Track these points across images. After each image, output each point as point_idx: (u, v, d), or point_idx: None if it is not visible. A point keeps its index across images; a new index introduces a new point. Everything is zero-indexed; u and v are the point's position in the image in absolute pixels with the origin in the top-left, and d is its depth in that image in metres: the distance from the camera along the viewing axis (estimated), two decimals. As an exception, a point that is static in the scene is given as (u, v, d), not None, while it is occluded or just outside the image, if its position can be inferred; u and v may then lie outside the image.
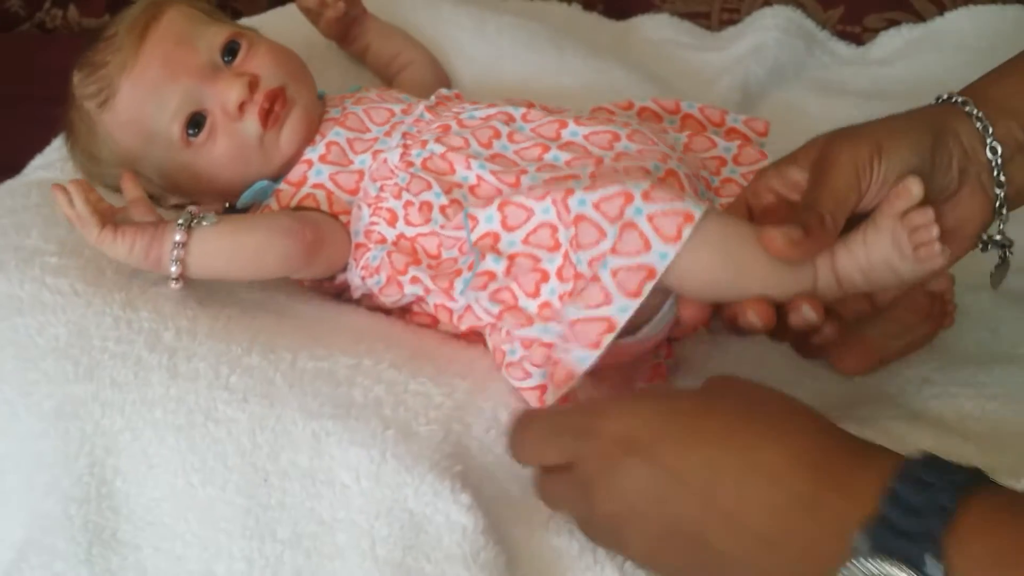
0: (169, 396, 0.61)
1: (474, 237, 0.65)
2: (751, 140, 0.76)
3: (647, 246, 0.59)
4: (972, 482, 0.44)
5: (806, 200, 0.59)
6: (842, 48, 1.02)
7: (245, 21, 0.96)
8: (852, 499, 0.44)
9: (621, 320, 0.59)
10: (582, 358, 0.60)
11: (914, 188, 0.57)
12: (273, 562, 0.58)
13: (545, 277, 0.62)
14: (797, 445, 0.48)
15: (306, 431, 0.60)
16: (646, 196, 0.59)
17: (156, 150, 0.73)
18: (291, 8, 0.96)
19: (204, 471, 0.59)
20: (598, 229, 0.61)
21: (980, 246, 0.63)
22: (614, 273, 0.59)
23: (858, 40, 1.03)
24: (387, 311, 0.73)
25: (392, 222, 0.70)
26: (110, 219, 0.65)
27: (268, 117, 0.72)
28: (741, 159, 0.73)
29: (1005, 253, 0.63)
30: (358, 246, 0.71)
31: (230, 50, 0.74)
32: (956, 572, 0.42)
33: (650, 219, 0.59)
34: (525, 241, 0.64)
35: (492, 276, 0.64)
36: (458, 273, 0.66)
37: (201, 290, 0.68)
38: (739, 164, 0.72)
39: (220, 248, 0.66)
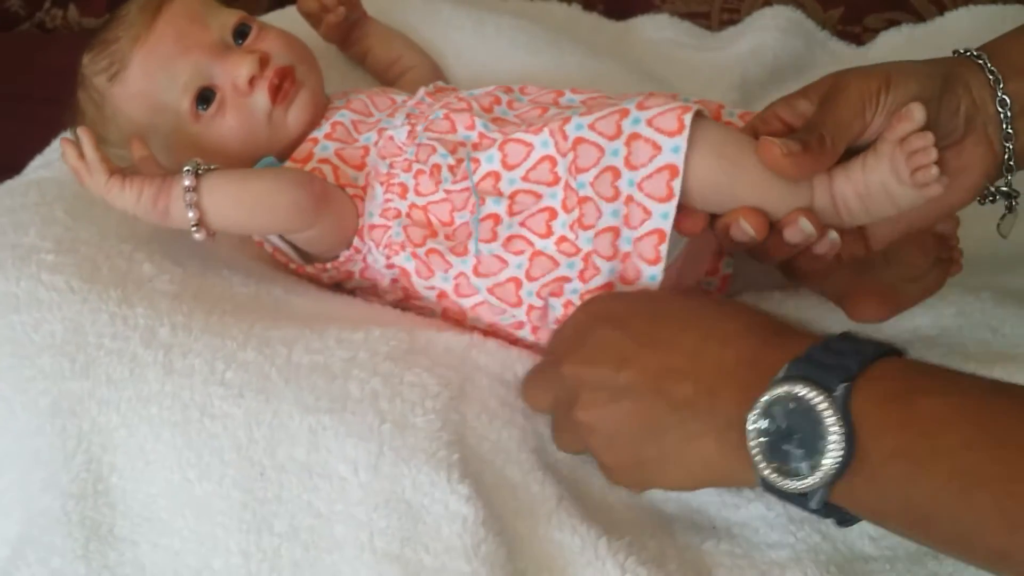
0: (165, 392, 0.61)
1: (476, 179, 0.66)
2: None
3: (657, 148, 0.60)
4: (899, 352, 0.51)
5: (810, 122, 0.60)
6: (842, 48, 1.02)
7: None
8: (788, 353, 0.50)
9: (667, 226, 0.61)
10: (652, 275, 0.62)
11: (916, 113, 0.58)
12: (271, 555, 0.58)
13: (553, 214, 0.64)
14: (751, 321, 0.55)
15: (303, 425, 0.60)
16: (640, 106, 0.61)
17: (165, 124, 0.73)
18: (290, 10, 0.96)
19: (200, 466, 0.59)
20: (597, 148, 0.62)
21: (983, 200, 0.64)
22: (640, 187, 0.61)
23: (858, 40, 1.03)
24: (387, 302, 0.74)
25: (404, 194, 0.70)
26: (117, 168, 0.66)
27: (278, 93, 0.73)
28: None
29: (1012, 203, 0.64)
30: (375, 227, 0.71)
31: (240, 32, 0.75)
32: (859, 400, 0.47)
33: (649, 123, 0.61)
34: (524, 178, 0.65)
35: (497, 219, 0.65)
36: (470, 235, 0.66)
37: (196, 285, 0.68)
38: None
39: (229, 192, 0.66)
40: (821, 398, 0.47)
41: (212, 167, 0.66)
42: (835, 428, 0.47)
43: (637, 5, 1.09)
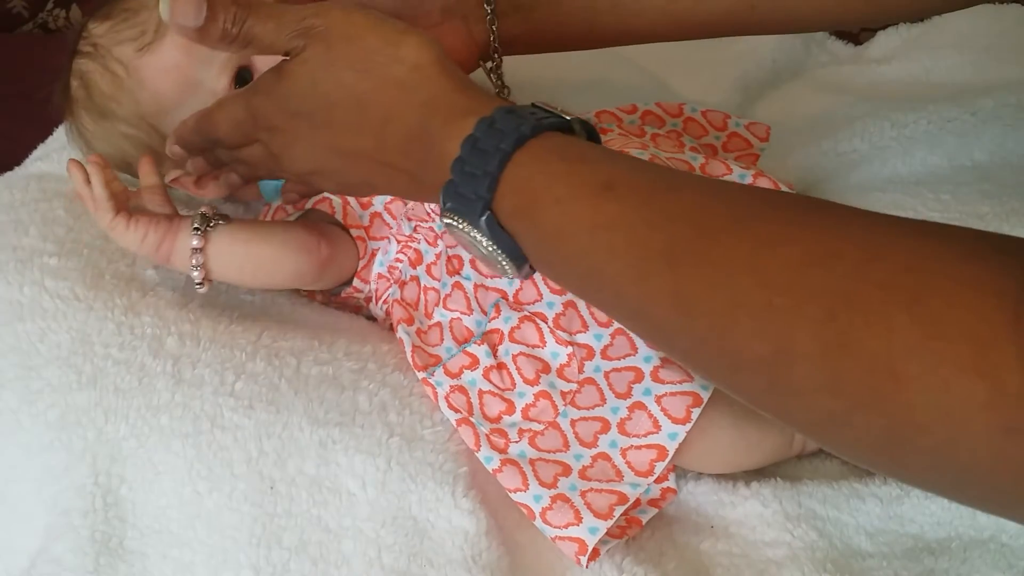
0: (175, 402, 0.61)
1: (487, 327, 0.66)
2: (757, 155, 0.77)
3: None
4: (542, 127, 0.49)
5: None
6: (840, 47, 1.02)
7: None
8: (452, 140, 0.50)
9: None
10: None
11: None
12: (280, 569, 0.58)
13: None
14: (430, 95, 0.52)
15: (313, 438, 0.60)
16: (655, 376, 0.62)
17: (193, 103, 0.68)
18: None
19: (211, 479, 0.59)
20: (599, 394, 0.63)
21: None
22: (658, 400, 0.61)
23: (856, 39, 1.03)
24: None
25: (415, 263, 0.70)
26: (124, 205, 0.64)
27: None
28: None
29: (502, 86, 0.74)
30: (380, 276, 0.71)
31: None
32: (501, 211, 0.49)
33: (658, 400, 0.62)
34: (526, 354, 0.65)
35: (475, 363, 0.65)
36: (437, 360, 0.66)
37: (202, 294, 0.67)
38: None
39: (233, 256, 0.65)
40: (471, 228, 0.49)
41: (219, 221, 0.64)
42: (491, 251, 0.49)
43: (636, 5, 1.08)
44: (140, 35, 0.69)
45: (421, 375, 0.65)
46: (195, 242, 0.63)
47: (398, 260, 0.70)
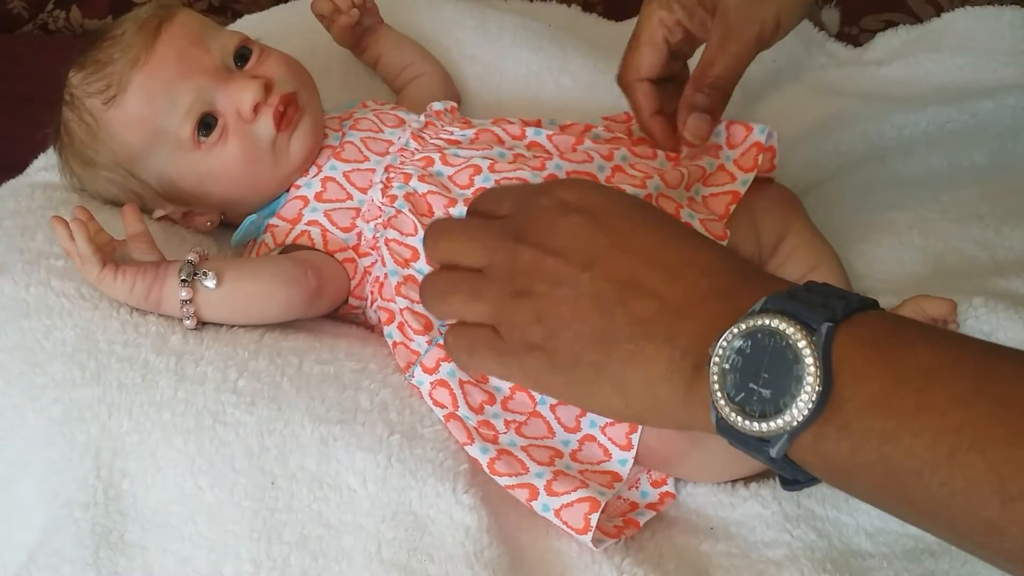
0: (177, 399, 0.61)
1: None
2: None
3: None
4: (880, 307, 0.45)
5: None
6: (839, 49, 1.02)
7: (247, 18, 0.97)
8: (766, 290, 0.45)
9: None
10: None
11: None
12: (280, 564, 0.58)
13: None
14: (732, 256, 0.50)
15: (314, 435, 0.60)
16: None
17: (162, 151, 0.72)
18: (293, 6, 0.96)
19: (212, 474, 0.59)
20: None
21: None
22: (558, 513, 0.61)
23: (855, 41, 1.04)
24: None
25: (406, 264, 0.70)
26: (110, 257, 0.65)
27: (282, 119, 0.71)
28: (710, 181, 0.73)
29: None
30: (376, 281, 0.71)
31: (241, 56, 0.73)
32: (841, 344, 0.42)
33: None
34: None
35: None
36: (416, 356, 0.66)
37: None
38: (708, 185, 0.73)
39: (223, 298, 0.66)
40: (801, 335, 0.42)
41: (206, 280, 0.64)
42: (812, 369, 0.41)
43: (636, 6, 1.08)
44: (106, 88, 0.71)
45: (406, 379, 0.66)
46: (183, 294, 0.64)
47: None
